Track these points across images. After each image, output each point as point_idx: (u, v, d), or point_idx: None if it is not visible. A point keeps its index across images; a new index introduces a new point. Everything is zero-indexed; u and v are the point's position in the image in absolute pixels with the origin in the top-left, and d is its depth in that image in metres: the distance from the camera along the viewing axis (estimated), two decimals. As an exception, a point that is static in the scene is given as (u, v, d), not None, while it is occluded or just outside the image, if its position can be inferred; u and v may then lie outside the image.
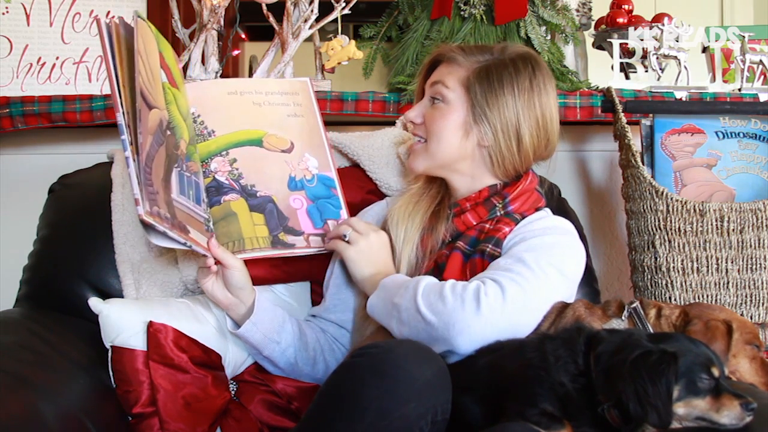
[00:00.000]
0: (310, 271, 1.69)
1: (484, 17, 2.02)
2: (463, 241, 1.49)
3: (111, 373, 1.48)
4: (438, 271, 1.47)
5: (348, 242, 1.49)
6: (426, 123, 1.53)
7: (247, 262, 1.49)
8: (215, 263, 1.44)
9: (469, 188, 1.54)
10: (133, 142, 1.25)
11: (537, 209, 1.55)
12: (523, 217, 1.51)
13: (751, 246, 1.77)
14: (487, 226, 1.49)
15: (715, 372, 1.10)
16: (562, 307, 1.39)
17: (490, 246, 1.45)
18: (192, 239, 1.36)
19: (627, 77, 2.16)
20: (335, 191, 1.59)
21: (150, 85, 1.34)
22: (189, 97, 1.54)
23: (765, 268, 1.77)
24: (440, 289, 1.33)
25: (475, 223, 1.51)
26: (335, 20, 1.98)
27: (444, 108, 1.51)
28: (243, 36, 2.23)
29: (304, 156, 1.59)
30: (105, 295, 1.61)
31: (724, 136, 1.89)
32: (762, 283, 1.78)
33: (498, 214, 1.50)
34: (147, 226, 1.25)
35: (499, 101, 1.48)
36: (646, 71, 2.08)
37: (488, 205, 1.51)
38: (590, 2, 2.26)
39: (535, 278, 1.35)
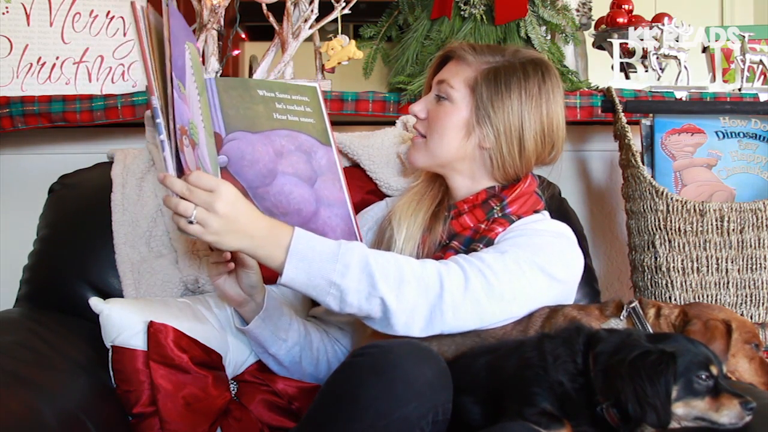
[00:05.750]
0: (310, 271, 1.69)
1: (484, 17, 2.02)
2: (458, 240, 1.49)
3: (111, 373, 1.48)
4: None
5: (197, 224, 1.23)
6: (429, 119, 1.53)
7: None
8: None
9: (468, 189, 1.54)
10: (167, 126, 1.24)
11: (535, 212, 1.54)
12: (520, 218, 1.51)
13: (751, 246, 1.77)
14: (483, 226, 1.49)
15: (714, 372, 1.10)
16: (549, 313, 1.38)
17: (481, 246, 1.45)
18: None
19: (627, 77, 2.16)
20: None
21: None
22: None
23: (765, 268, 1.77)
24: (398, 270, 1.29)
25: (471, 225, 1.51)
26: (335, 20, 1.99)
27: (448, 106, 1.50)
28: (243, 36, 2.22)
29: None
30: (105, 295, 1.61)
31: (724, 136, 1.89)
32: (762, 283, 1.78)
33: (495, 216, 1.50)
34: None
35: (504, 104, 1.46)
36: (646, 71, 2.08)
37: (486, 207, 1.51)
38: (590, 2, 2.26)
39: (506, 272, 1.34)
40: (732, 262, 1.78)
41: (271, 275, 1.61)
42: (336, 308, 1.29)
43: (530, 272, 1.36)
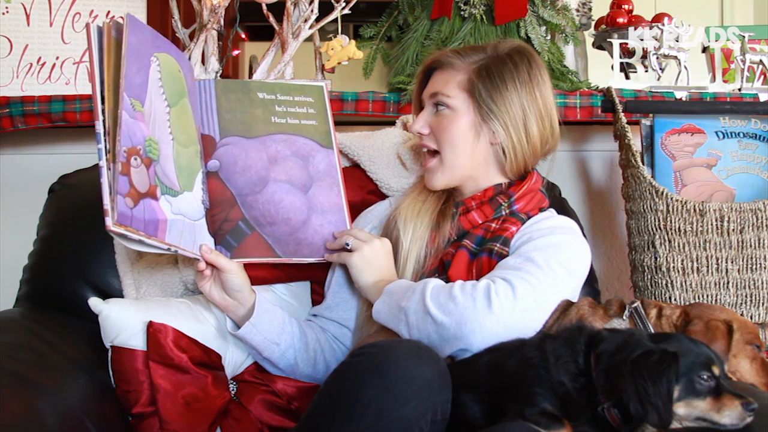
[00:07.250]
0: (311, 271, 1.69)
1: (484, 17, 2.02)
2: (469, 239, 1.50)
3: (111, 373, 1.48)
4: (443, 269, 1.48)
5: (350, 251, 1.49)
6: (434, 132, 1.54)
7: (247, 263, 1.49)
8: (210, 267, 1.45)
9: (476, 187, 1.55)
10: (111, 150, 1.24)
11: (541, 209, 1.56)
12: (529, 217, 1.52)
13: (751, 246, 1.77)
14: (494, 225, 1.50)
15: (716, 372, 1.10)
16: (566, 305, 1.39)
17: (497, 245, 1.46)
18: (177, 245, 1.35)
19: (627, 77, 2.16)
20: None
21: None
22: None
23: (765, 268, 1.77)
24: (449, 289, 1.34)
25: (480, 222, 1.52)
26: (335, 20, 1.98)
27: (450, 114, 1.52)
28: (243, 36, 2.22)
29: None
30: (105, 295, 1.61)
31: (724, 136, 1.89)
32: (762, 283, 1.78)
33: (503, 213, 1.51)
34: (119, 236, 1.25)
35: (503, 96, 1.49)
36: (646, 71, 2.08)
37: (494, 204, 1.52)
38: (590, 2, 2.26)
39: (545, 276, 1.36)
40: (732, 262, 1.77)
41: (260, 275, 1.62)
42: (406, 334, 1.36)
43: (560, 272, 1.39)
